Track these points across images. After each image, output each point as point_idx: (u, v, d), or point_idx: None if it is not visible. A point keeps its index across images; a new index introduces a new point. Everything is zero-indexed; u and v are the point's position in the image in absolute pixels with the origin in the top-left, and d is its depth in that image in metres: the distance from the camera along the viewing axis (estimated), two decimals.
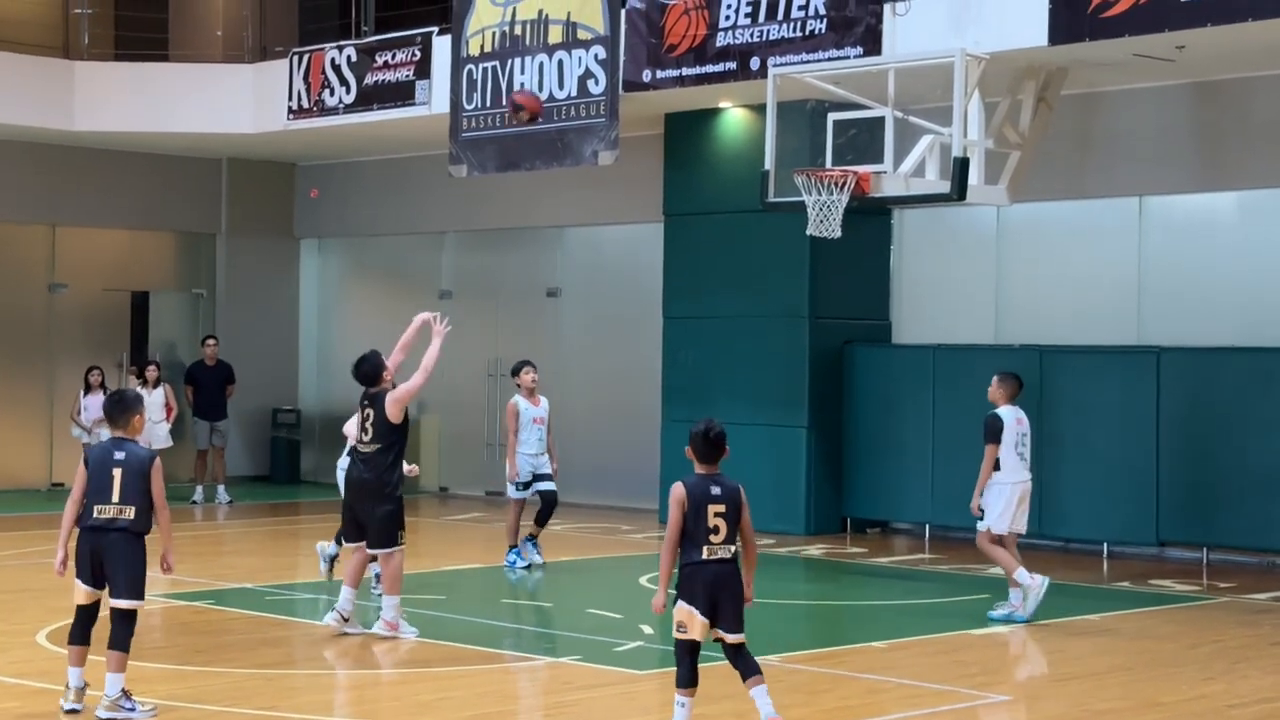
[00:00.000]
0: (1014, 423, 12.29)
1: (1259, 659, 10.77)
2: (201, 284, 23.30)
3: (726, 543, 7.82)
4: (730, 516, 7.84)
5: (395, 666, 10.06)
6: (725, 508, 7.82)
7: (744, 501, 7.95)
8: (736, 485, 7.95)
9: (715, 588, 7.82)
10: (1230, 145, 15.84)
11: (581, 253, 21.01)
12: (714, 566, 7.82)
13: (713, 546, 7.80)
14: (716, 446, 7.99)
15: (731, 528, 7.84)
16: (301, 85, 19.89)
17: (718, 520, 7.79)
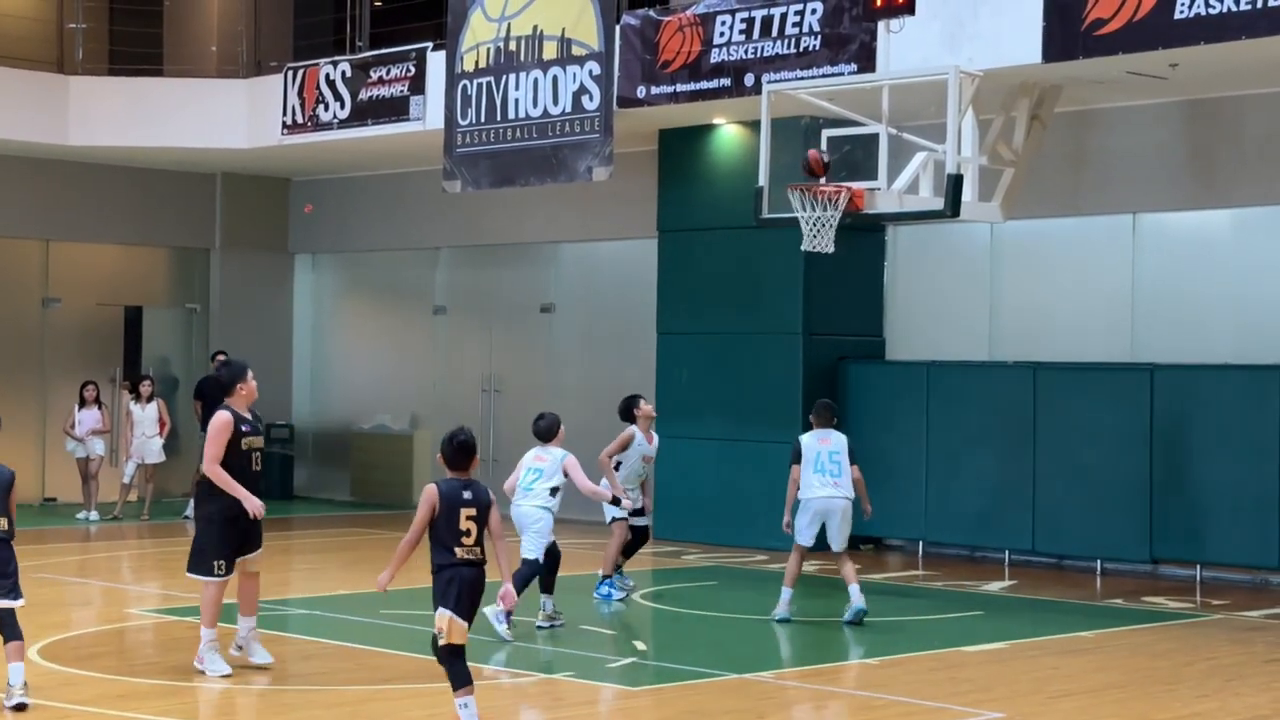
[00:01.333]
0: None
1: (1252, 676, 10.77)
2: (195, 299, 23.29)
3: (477, 545, 8.13)
4: (480, 520, 8.15)
5: (387, 683, 10.03)
6: (476, 511, 8.13)
7: (493, 504, 8.29)
8: (487, 490, 8.30)
9: (473, 589, 8.16)
10: (1223, 163, 15.87)
11: (576, 268, 21.02)
12: (468, 570, 8.15)
13: (465, 548, 8.11)
14: (464, 453, 8.31)
15: (480, 531, 8.15)
16: (296, 100, 19.90)
17: (469, 524, 8.11)
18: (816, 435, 12.89)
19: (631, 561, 16.78)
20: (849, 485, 12.77)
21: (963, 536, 17.06)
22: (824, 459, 12.74)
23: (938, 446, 17.06)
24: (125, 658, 11.41)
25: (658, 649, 11.91)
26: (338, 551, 17.66)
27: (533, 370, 21.26)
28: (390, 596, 13.38)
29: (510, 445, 21.43)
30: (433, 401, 22.32)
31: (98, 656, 11.19)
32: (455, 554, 8.12)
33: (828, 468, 12.73)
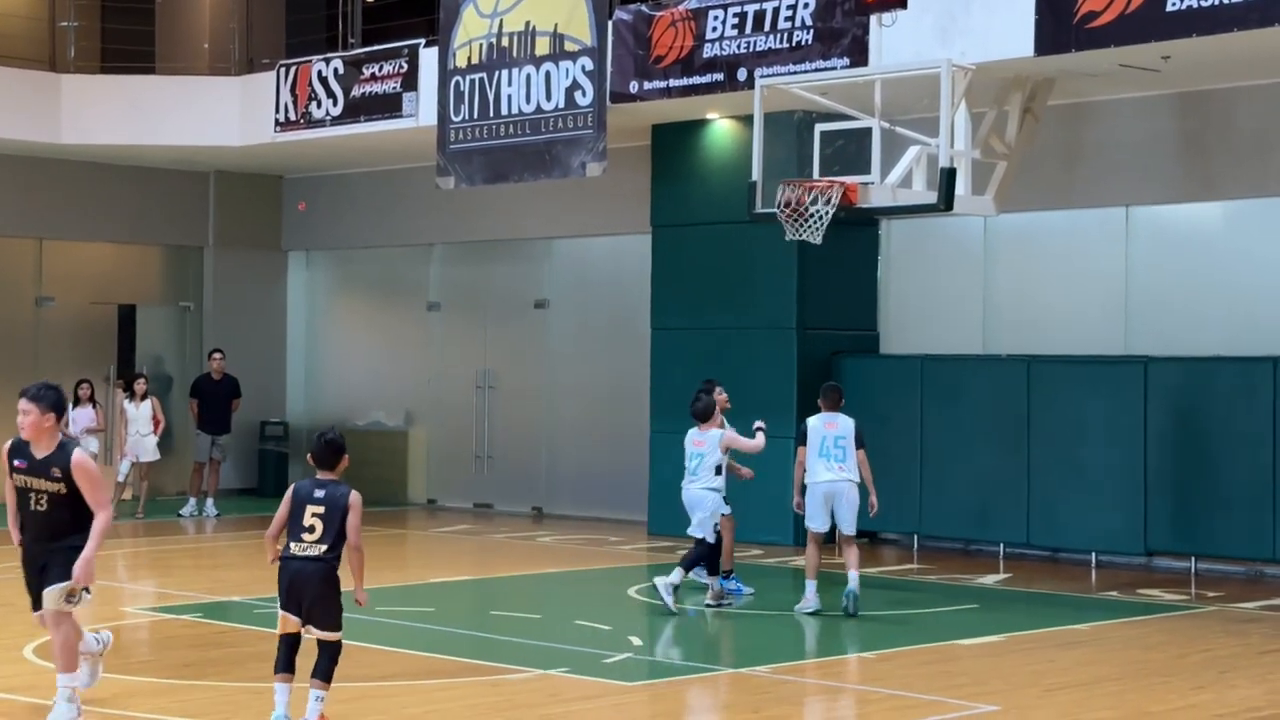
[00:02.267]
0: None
1: (1248, 668, 10.78)
2: (189, 297, 23.27)
3: (320, 543, 8.21)
4: (328, 518, 8.22)
5: (383, 680, 10.03)
6: (324, 510, 8.22)
7: (350, 507, 8.26)
8: (346, 492, 8.30)
9: (295, 583, 8.26)
10: (1216, 155, 15.88)
11: (569, 264, 21.02)
12: (296, 563, 8.27)
13: (303, 544, 8.25)
14: (329, 452, 8.40)
15: (328, 529, 8.20)
16: (288, 97, 19.88)
17: (314, 520, 8.22)
18: (823, 419, 12.99)
19: (626, 556, 16.83)
20: (854, 469, 12.80)
21: (958, 530, 17.07)
22: (829, 444, 12.80)
23: (932, 440, 17.07)
24: (121, 656, 11.37)
25: (653, 644, 11.91)
26: None
27: (527, 366, 21.26)
28: (384, 593, 13.41)
29: (505, 442, 21.47)
30: (427, 398, 22.32)
31: None
32: (291, 548, 8.34)
33: (833, 452, 12.80)
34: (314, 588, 8.27)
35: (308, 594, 8.29)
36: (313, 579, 8.26)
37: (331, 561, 8.29)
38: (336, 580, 8.33)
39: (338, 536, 8.27)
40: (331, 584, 8.30)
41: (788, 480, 17.57)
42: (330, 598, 8.32)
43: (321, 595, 8.28)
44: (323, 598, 8.29)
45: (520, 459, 21.16)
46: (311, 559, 8.27)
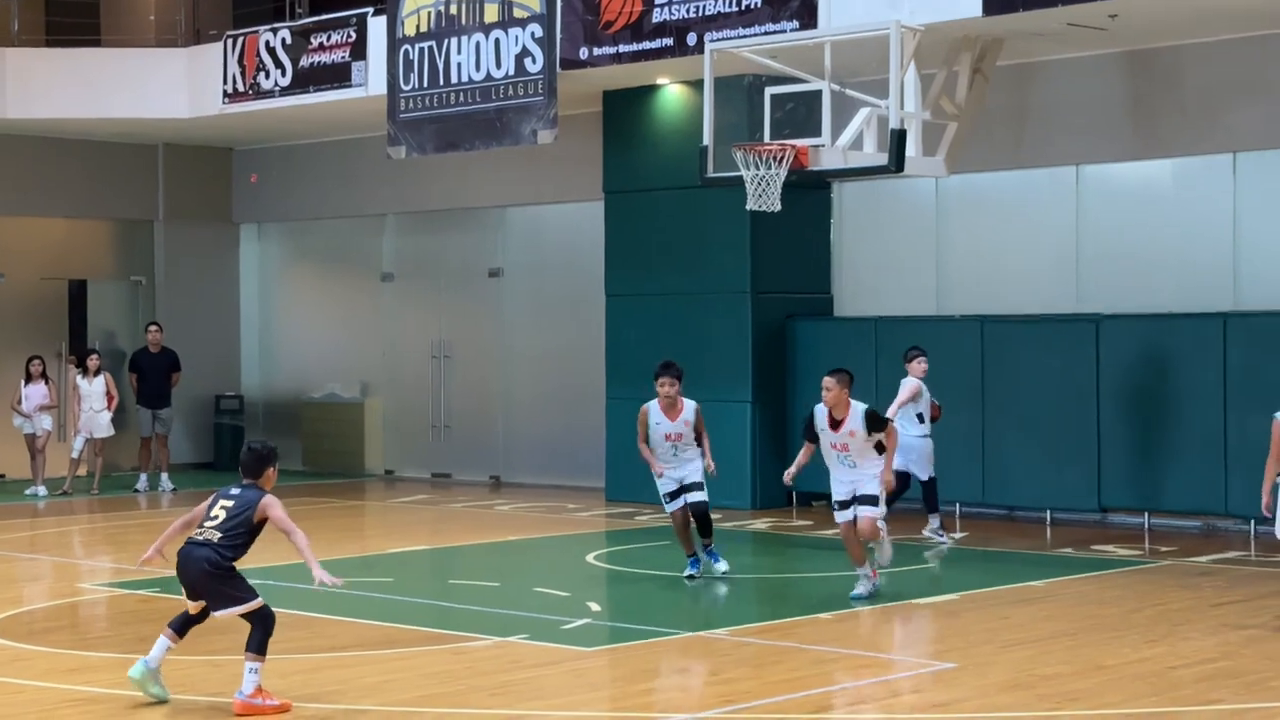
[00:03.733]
0: None
1: (1200, 621, 10.89)
2: (140, 271, 23.12)
3: (217, 530, 8.51)
4: (234, 511, 8.54)
5: (343, 650, 10.03)
6: (234, 504, 8.57)
7: (266, 505, 8.55)
8: (255, 498, 8.56)
9: (181, 568, 8.58)
10: (1164, 113, 15.96)
11: (523, 232, 20.98)
12: (185, 549, 8.59)
13: (202, 530, 8.56)
14: (250, 461, 8.70)
15: (229, 519, 8.52)
16: (236, 69, 19.75)
17: (220, 511, 8.57)
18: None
19: (584, 522, 16.86)
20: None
21: (913, 490, 17.12)
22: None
23: (887, 402, 17.07)
24: (77, 632, 11.37)
25: (612, 609, 11.95)
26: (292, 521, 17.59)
27: (482, 335, 21.23)
28: (343, 564, 13.42)
29: (462, 411, 21.45)
30: (383, 369, 22.27)
31: (50, 631, 11.15)
32: (192, 534, 8.61)
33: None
34: (196, 571, 8.50)
35: (191, 577, 8.54)
36: (198, 564, 8.49)
37: (220, 548, 8.47)
38: (223, 564, 8.48)
39: (237, 528, 8.49)
40: (216, 566, 8.47)
41: (746, 444, 17.73)
42: (214, 578, 8.49)
43: (205, 577, 8.49)
44: (208, 579, 8.49)
45: (477, 428, 21.15)
46: (199, 543, 8.52)
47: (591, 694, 9.12)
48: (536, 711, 8.49)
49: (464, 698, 8.87)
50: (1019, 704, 8.54)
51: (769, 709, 8.53)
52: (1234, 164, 15.73)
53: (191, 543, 8.57)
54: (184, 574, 8.57)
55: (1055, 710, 8.39)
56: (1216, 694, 8.73)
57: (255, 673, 8.43)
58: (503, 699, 8.81)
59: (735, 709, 8.49)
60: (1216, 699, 8.62)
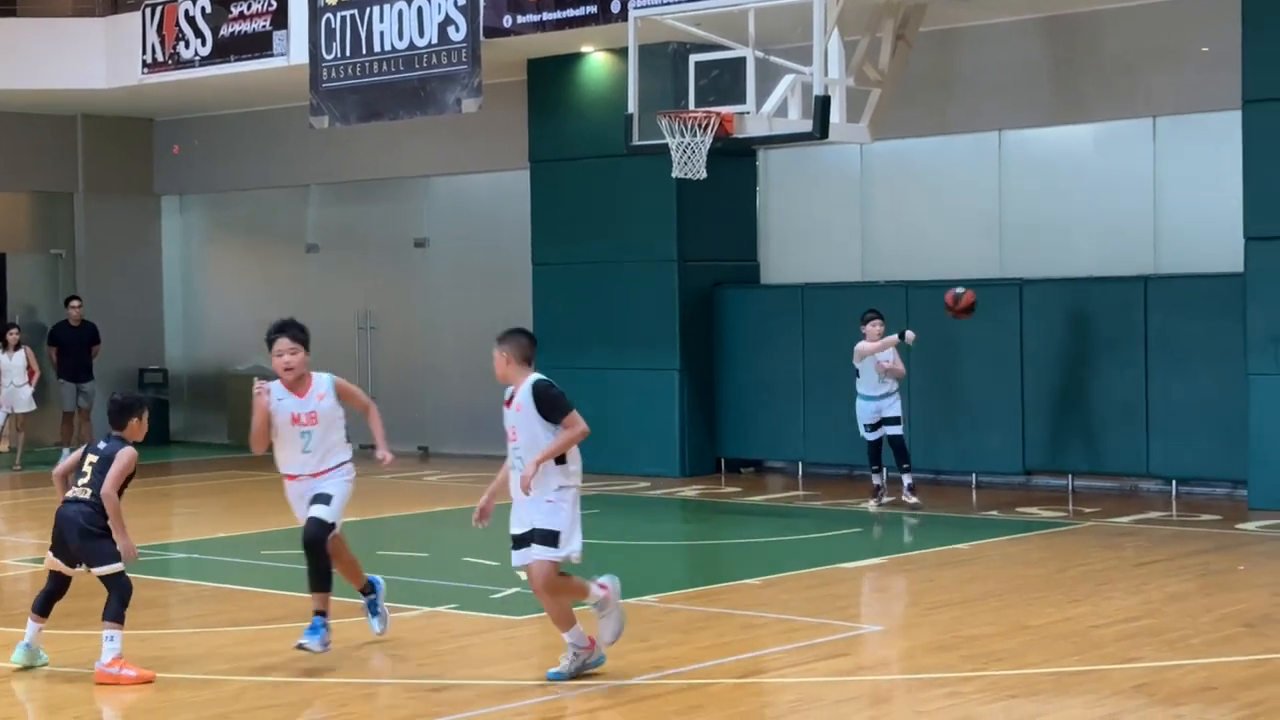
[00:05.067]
0: None
1: (1122, 580, 11.04)
2: (60, 244, 22.84)
3: (88, 487, 8.59)
4: (99, 467, 8.60)
5: (269, 623, 9.98)
6: (98, 459, 8.64)
7: (116, 458, 8.60)
8: (116, 448, 8.64)
9: (58, 526, 8.66)
10: (1084, 79, 16.08)
11: (448, 202, 20.88)
12: (63, 507, 8.69)
13: (76, 488, 8.66)
14: (113, 412, 8.79)
15: (96, 477, 8.58)
16: (155, 38, 19.51)
17: (88, 468, 8.66)
18: None
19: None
20: None
21: (841, 456, 17.25)
22: None
23: (814, 369, 17.22)
24: (1, 608, 11.24)
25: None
26: (217, 495, 17.51)
27: (409, 306, 21.14)
28: (269, 537, 13.37)
29: (389, 382, 21.35)
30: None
31: None
32: (66, 494, 8.72)
33: None
34: (75, 530, 8.55)
35: (69, 536, 8.59)
36: (74, 521, 8.55)
37: (93, 504, 8.54)
38: (99, 521, 8.53)
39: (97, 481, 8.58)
40: (92, 524, 8.54)
41: (673, 411, 17.77)
42: (91, 537, 8.54)
43: (83, 536, 8.54)
44: (84, 538, 8.55)
45: (405, 399, 21.06)
46: (73, 501, 8.61)
47: (521, 662, 9.14)
48: (466, 680, 8.49)
49: (393, 668, 8.85)
50: (944, 665, 8.63)
51: (698, 674, 8.58)
52: (1154, 129, 15.88)
53: (67, 501, 8.65)
54: (62, 533, 8.64)
55: (980, 671, 8.48)
56: (1138, 652, 8.85)
57: (114, 640, 8.47)
58: (432, 668, 8.80)
59: (664, 674, 8.53)
60: (1138, 657, 8.74)
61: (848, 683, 8.34)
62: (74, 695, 8.34)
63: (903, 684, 8.26)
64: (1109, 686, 8.15)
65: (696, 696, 8.18)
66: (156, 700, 8.13)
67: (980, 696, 7.98)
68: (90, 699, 8.27)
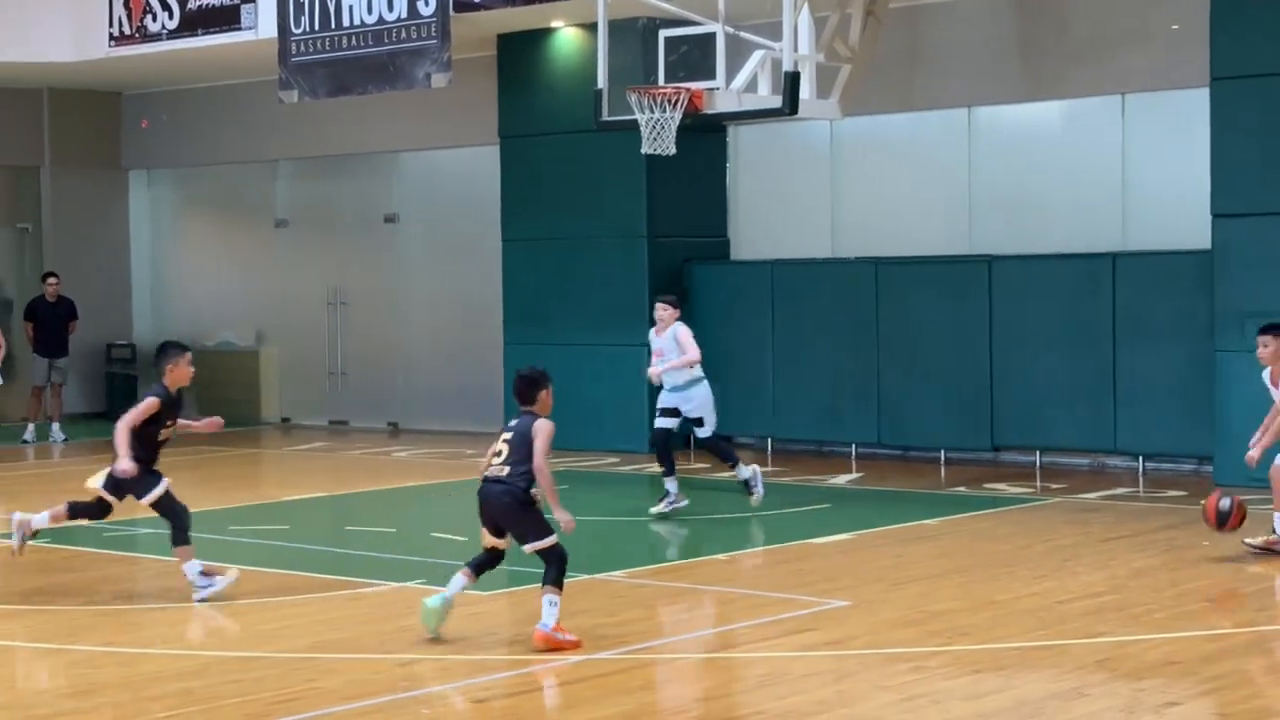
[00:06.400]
0: None
1: (1088, 556, 11.09)
2: (26, 218, 22.71)
3: (506, 463, 8.64)
4: (513, 443, 8.65)
5: (237, 599, 9.97)
6: (510, 435, 8.70)
7: (535, 435, 8.62)
8: (530, 424, 8.68)
9: (481, 502, 8.72)
10: (1053, 55, 16.10)
11: (418, 177, 20.82)
12: (485, 486, 8.71)
13: (493, 467, 8.68)
14: (518, 390, 8.86)
15: (514, 453, 8.63)
16: (122, 11, 19.37)
17: (503, 445, 8.69)
18: None
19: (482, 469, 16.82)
20: None
21: (810, 432, 17.30)
22: None
23: (783, 344, 17.25)
24: None
25: (510, 553, 11.93)
26: (186, 470, 17.38)
27: (379, 281, 21.08)
28: (237, 513, 13.36)
29: (358, 358, 21.31)
30: (278, 317, 22.06)
31: None
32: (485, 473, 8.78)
33: None
34: (500, 508, 8.63)
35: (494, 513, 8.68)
36: (500, 500, 8.62)
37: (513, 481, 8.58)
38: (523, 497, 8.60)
39: (524, 459, 8.59)
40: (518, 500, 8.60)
41: (642, 387, 17.74)
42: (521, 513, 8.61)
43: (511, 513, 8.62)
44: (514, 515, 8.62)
45: (374, 375, 21.04)
46: (493, 480, 8.64)
47: (489, 637, 9.13)
48: (434, 656, 8.49)
49: (359, 644, 8.85)
50: (910, 640, 8.66)
51: (665, 649, 8.60)
52: (1123, 105, 15.92)
53: (487, 480, 8.69)
54: (486, 511, 8.69)
55: (946, 645, 8.52)
56: (1103, 626, 8.90)
57: (555, 605, 8.48)
58: (399, 644, 8.80)
59: (632, 649, 8.54)
60: (1103, 631, 8.79)
61: (814, 657, 8.37)
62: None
63: (869, 658, 8.30)
64: (1073, 661, 8.19)
65: (664, 671, 8.20)
66: (122, 674, 8.11)
67: (946, 671, 8.02)
68: (54, 671, 8.21)
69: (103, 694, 7.73)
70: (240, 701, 7.56)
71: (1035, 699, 7.48)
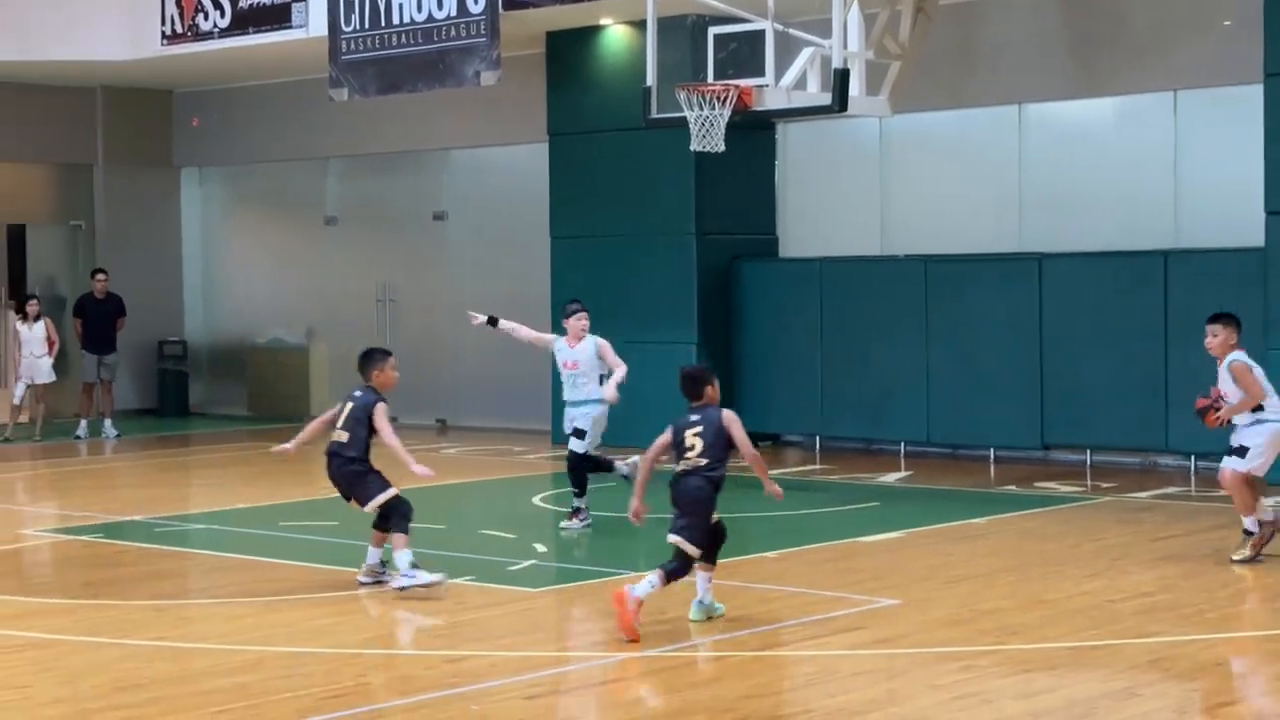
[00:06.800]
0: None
1: (1139, 555, 11.02)
2: (79, 216, 22.90)
3: (703, 455, 9.05)
4: (705, 436, 9.08)
5: (288, 594, 10.02)
6: (702, 429, 9.08)
7: (730, 427, 9.07)
8: (716, 416, 9.09)
9: (677, 494, 9.16)
10: (1105, 51, 16.00)
11: (467, 175, 20.87)
12: (685, 478, 9.10)
13: (687, 460, 9.08)
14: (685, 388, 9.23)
15: (710, 446, 9.05)
16: (174, 10, 19.51)
17: (695, 440, 9.07)
18: None
19: (531, 465, 16.87)
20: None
21: (859, 430, 17.26)
22: None
23: (832, 342, 17.21)
24: (21, 578, 11.31)
25: (558, 551, 11.98)
26: (237, 466, 17.57)
27: (427, 279, 21.15)
28: (288, 508, 13.43)
29: (407, 355, 21.35)
30: (327, 314, 22.16)
31: None
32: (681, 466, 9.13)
33: None
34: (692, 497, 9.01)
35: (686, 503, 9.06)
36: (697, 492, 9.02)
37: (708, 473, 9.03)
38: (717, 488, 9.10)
39: (718, 452, 9.03)
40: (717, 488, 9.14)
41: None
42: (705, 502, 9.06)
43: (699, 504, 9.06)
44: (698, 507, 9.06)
45: (423, 372, 21.08)
46: (690, 472, 9.04)
47: (538, 634, 9.16)
48: (483, 652, 8.52)
49: (411, 639, 8.88)
50: (960, 638, 8.63)
51: (715, 646, 8.60)
52: (1175, 102, 15.81)
53: (686, 474, 9.04)
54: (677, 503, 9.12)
55: (997, 645, 8.49)
56: (1155, 626, 8.85)
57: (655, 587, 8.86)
58: (449, 640, 8.83)
59: (681, 646, 8.55)
60: (1155, 631, 8.74)
61: (864, 656, 8.35)
62: (95, 662, 8.37)
63: (919, 657, 8.27)
64: (1125, 661, 8.15)
65: (714, 668, 8.20)
66: (174, 669, 8.17)
67: (997, 670, 7.99)
68: (107, 665, 8.28)
69: (154, 688, 7.78)
70: (291, 696, 7.60)
71: (1087, 698, 7.44)
